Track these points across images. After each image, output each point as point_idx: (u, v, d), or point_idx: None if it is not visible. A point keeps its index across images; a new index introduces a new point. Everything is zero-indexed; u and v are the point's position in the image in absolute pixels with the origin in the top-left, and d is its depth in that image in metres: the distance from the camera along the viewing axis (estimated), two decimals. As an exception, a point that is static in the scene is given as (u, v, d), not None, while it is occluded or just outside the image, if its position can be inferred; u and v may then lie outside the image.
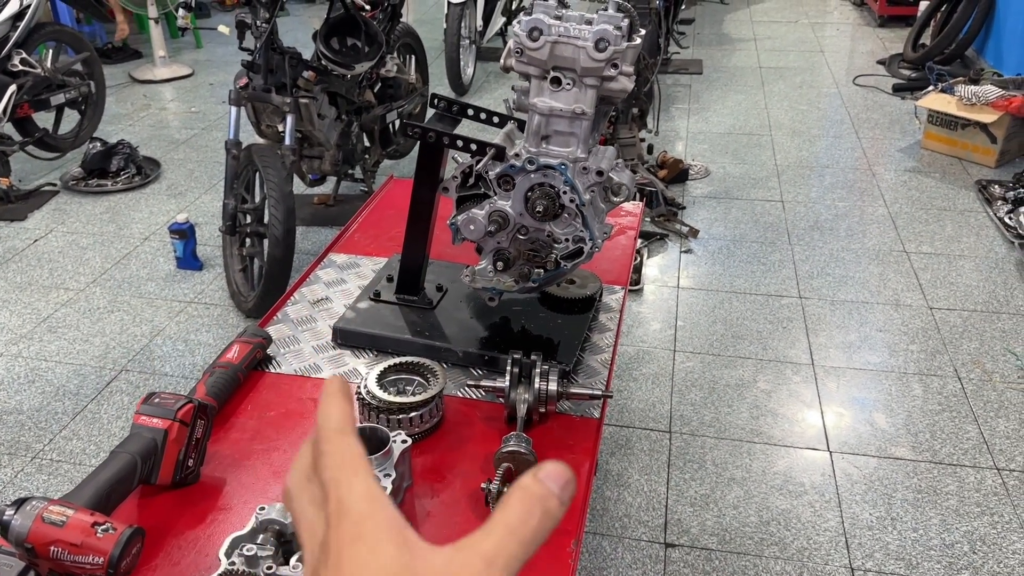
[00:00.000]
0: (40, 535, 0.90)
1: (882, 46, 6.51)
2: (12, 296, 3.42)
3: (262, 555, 1.01)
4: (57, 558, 0.90)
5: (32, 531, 0.90)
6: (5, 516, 0.91)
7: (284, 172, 3.11)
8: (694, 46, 6.62)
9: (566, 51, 1.36)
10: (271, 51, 3.23)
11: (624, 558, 2.23)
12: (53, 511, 0.91)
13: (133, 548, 0.92)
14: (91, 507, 0.97)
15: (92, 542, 0.90)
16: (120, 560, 0.90)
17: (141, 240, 3.85)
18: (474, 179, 1.54)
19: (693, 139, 4.90)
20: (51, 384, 2.90)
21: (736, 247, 3.74)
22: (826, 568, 2.20)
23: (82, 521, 0.91)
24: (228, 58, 6.43)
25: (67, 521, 0.91)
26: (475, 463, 1.36)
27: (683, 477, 2.49)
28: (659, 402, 2.79)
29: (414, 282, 1.70)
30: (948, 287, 3.40)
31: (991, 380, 2.87)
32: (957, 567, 2.20)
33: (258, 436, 1.41)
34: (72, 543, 0.89)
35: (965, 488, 2.44)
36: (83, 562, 0.90)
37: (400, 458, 1.24)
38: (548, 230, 1.51)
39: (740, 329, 3.17)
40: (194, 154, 4.78)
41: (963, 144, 4.45)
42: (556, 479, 0.42)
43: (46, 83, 4.31)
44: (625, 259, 1.97)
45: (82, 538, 0.90)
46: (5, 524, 0.91)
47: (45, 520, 0.90)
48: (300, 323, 1.71)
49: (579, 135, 1.44)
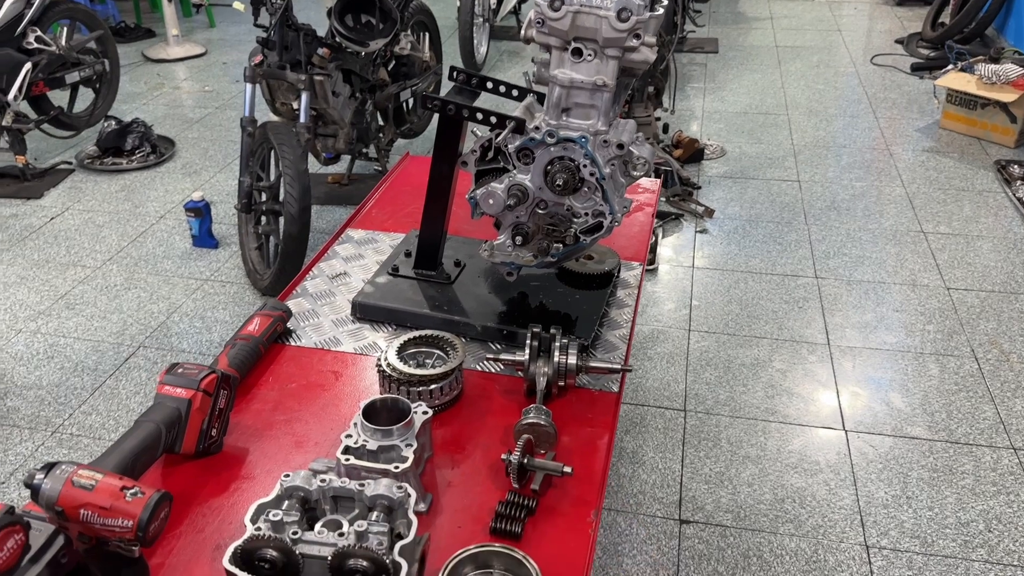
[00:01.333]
0: (70, 499, 0.91)
1: (900, 25, 6.43)
2: (30, 273, 3.44)
3: (287, 520, 1.02)
4: (87, 521, 0.91)
5: (62, 495, 0.91)
6: (35, 480, 0.92)
7: (299, 150, 3.11)
8: (710, 25, 6.57)
9: (588, 21, 1.35)
10: (286, 28, 3.23)
11: (639, 534, 2.23)
12: (82, 475, 0.92)
13: (161, 512, 0.93)
14: (117, 474, 0.98)
15: (121, 505, 0.91)
16: (149, 523, 0.91)
17: (157, 218, 3.87)
18: (493, 153, 1.54)
19: (709, 118, 4.86)
20: (70, 360, 2.92)
21: (752, 227, 3.72)
22: (841, 545, 2.20)
23: (111, 485, 0.92)
24: (241, 37, 6.42)
25: (96, 485, 0.92)
26: (494, 435, 1.36)
27: (698, 455, 2.49)
28: (674, 381, 2.79)
29: (432, 256, 1.70)
30: (966, 267, 3.38)
31: (1008, 360, 2.85)
32: (972, 545, 2.20)
33: (280, 407, 1.42)
34: (102, 506, 0.90)
35: (981, 467, 2.43)
36: (112, 525, 0.91)
37: (421, 429, 1.25)
38: (567, 204, 1.51)
39: (755, 309, 3.17)
40: (208, 133, 4.79)
41: (982, 124, 4.40)
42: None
43: (61, 61, 4.32)
44: (643, 236, 1.96)
45: (111, 501, 0.91)
46: (36, 488, 0.92)
47: (75, 484, 0.91)
48: (319, 297, 1.71)
49: (600, 107, 1.43)
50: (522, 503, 1.21)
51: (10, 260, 3.53)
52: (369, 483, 1.08)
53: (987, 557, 2.16)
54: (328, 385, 1.48)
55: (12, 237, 3.71)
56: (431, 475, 1.29)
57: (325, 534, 1.02)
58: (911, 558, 2.16)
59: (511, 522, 1.18)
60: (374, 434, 1.21)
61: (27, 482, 0.93)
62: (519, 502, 1.21)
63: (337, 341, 1.58)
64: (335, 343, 1.58)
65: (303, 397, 1.45)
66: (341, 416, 1.40)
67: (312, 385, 1.48)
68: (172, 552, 1.15)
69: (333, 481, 1.09)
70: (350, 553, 0.97)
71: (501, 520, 1.18)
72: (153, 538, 0.93)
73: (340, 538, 1.01)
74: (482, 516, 1.20)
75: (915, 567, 2.14)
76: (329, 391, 1.46)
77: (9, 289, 3.33)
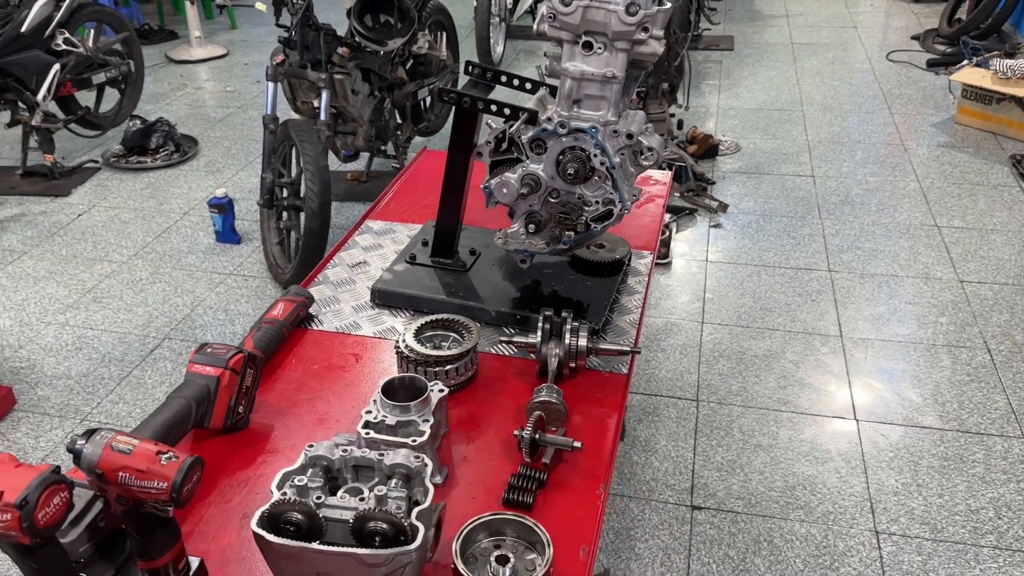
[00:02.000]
0: (109, 462, 0.97)
1: (917, 21, 6.43)
2: (58, 268, 3.54)
3: (312, 486, 1.08)
4: (124, 483, 0.97)
5: (102, 458, 0.97)
6: (77, 445, 0.99)
7: (320, 147, 3.18)
8: (725, 22, 6.59)
9: (598, 15, 1.40)
10: (307, 28, 3.30)
11: (651, 519, 2.28)
12: (121, 440, 0.99)
13: (194, 476, 0.99)
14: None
15: (157, 468, 0.97)
16: (183, 485, 0.97)
17: (181, 215, 3.95)
18: (507, 144, 1.60)
19: (724, 115, 4.89)
20: (97, 351, 3.01)
21: (766, 221, 3.76)
22: (851, 531, 2.24)
23: (147, 450, 0.98)
24: (263, 38, 6.52)
25: (134, 449, 0.98)
26: (508, 413, 1.42)
27: (710, 443, 2.53)
28: (687, 372, 2.84)
29: (449, 245, 1.76)
30: (979, 260, 3.40)
31: (1021, 351, 2.87)
32: (982, 532, 2.23)
33: (303, 387, 1.48)
34: (139, 469, 0.97)
35: (992, 456, 2.46)
36: (148, 487, 0.97)
37: (438, 406, 1.31)
38: (579, 193, 1.56)
39: (768, 302, 3.20)
40: (230, 132, 4.88)
41: (998, 119, 4.41)
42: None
43: (88, 62, 4.42)
44: (654, 226, 2.01)
45: (148, 465, 0.97)
46: (77, 452, 0.98)
47: (113, 448, 0.98)
48: (340, 284, 1.78)
49: (610, 99, 1.48)
50: (534, 476, 1.26)
51: (39, 255, 3.63)
52: (388, 453, 1.14)
53: (996, 543, 2.19)
54: (349, 367, 1.54)
55: (41, 233, 3.81)
56: (447, 451, 1.35)
57: (347, 499, 1.08)
58: (920, 544, 2.20)
59: (523, 493, 1.23)
60: (393, 410, 1.27)
61: (69, 447, 0.99)
62: (531, 475, 1.26)
63: (357, 326, 1.64)
64: (355, 327, 1.64)
65: (325, 378, 1.51)
66: (361, 395, 1.46)
67: (333, 367, 1.54)
68: (202, 520, 1.21)
69: (354, 451, 1.15)
70: (370, 516, 1.03)
71: (513, 492, 1.24)
72: (186, 500, 0.99)
73: (361, 503, 1.07)
74: (496, 488, 1.26)
75: (924, 553, 2.17)
76: (350, 372, 1.52)
77: (39, 283, 3.43)
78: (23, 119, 4.14)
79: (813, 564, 2.14)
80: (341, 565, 1.04)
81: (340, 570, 1.04)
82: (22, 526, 0.88)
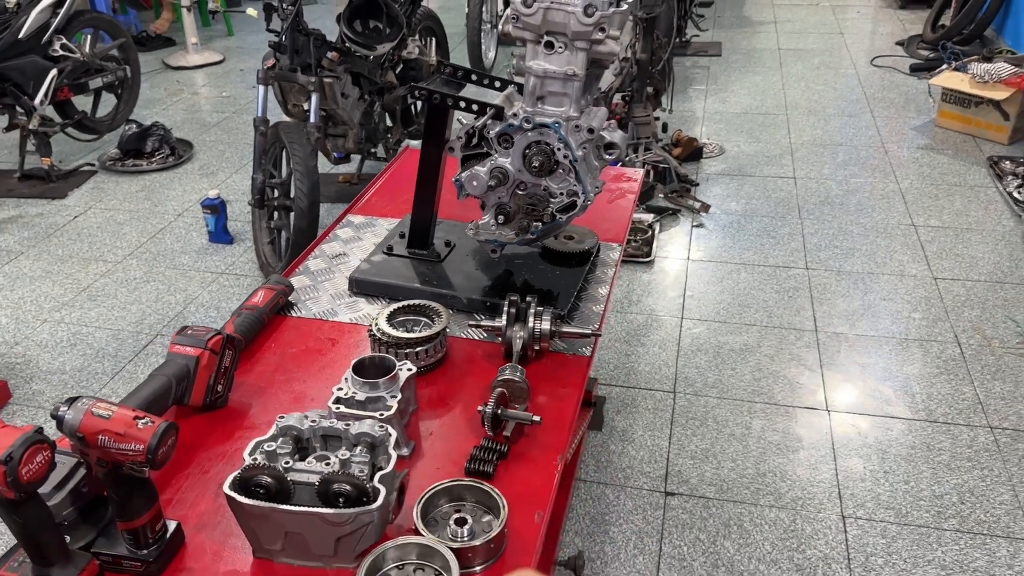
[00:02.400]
0: (90, 426, 1.05)
1: (902, 28, 6.52)
2: (54, 268, 3.62)
3: (281, 452, 1.16)
4: (104, 446, 1.05)
5: (83, 423, 1.05)
6: (60, 411, 1.06)
7: (309, 148, 3.27)
8: (714, 29, 6.69)
9: (557, 16, 1.48)
10: (297, 32, 3.39)
11: (626, 504, 2.36)
12: (100, 407, 1.06)
13: (168, 439, 1.07)
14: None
15: (134, 432, 1.05)
16: (158, 448, 1.05)
17: (175, 216, 4.04)
18: (477, 139, 1.68)
19: (710, 119, 4.98)
20: (91, 347, 3.09)
21: (747, 221, 3.84)
22: (819, 515, 2.31)
23: (125, 415, 1.06)
24: (258, 46, 6.61)
25: (112, 415, 1.06)
26: (475, 392, 1.50)
27: (685, 433, 2.61)
28: (665, 365, 2.91)
29: (424, 237, 1.84)
30: (954, 258, 3.48)
31: (990, 345, 2.95)
32: (945, 516, 2.30)
33: (280, 369, 1.56)
34: (117, 432, 1.04)
35: (958, 445, 2.54)
36: (126, 449, 1.05)
37: (406, 384, 1.39)
38: (544, 185, 1.64)
39: (747, 298, 3.28)
40: (225, 136, 4.96)
41: (976, 122, 4.50)
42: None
43: (85, 67, 4.51)
44: (624, 220, 2.09)
45: (125, 428, 1.05)
46: (60, 418, 1.06)
47: (94, 414, 1.05)
48: (319, 275, 1.85)
49: (571, 95, 1.57)
50: (495, 448, 1.34)
51: (36, 256, 3.71)
52: (354, 423, 1.22)
53: (958, 527, 2.27)
54: (325, 350, 1.62)
55: (38, 234, 3.90)
56: (415, 426, 1.42)
57: (314, 464, 1.15)
58: (885, 527, 2.27)
59: (484, 464, 1.31)
60: (362, 386, 1.35)
61: (53, 413, 1.07)
62: (492, 447, 1.34)
63: (334, 312, 1.72)
64: (332, 314, 1.72)
65: (302, 360, 1.59)
66: (336, 377, 1.54)
67: (310, 350, 1.62)
68: (180, 490, 1.29)
69: (322, 422, 1.22)
70: (334, 479, 1.11)
71: (475, 462, 1.31)
72: (161, 462, 1.07)
73: (326, 467, 1.14)
74: (459, 460, 1.33)
75: (888, 536, 2.25)
76: (326, 355, 1.60)
77: (35, 282, 3.51)
78: (21, 123, 4.23)
79: (781, 546, 2.22)
80: (307, 524, 1.11)
81: (307, 529, 1.12)
82: (7, 480, 0.96)
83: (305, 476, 1.14)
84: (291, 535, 1.13)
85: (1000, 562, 2.16)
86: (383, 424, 1.22)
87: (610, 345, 3.02)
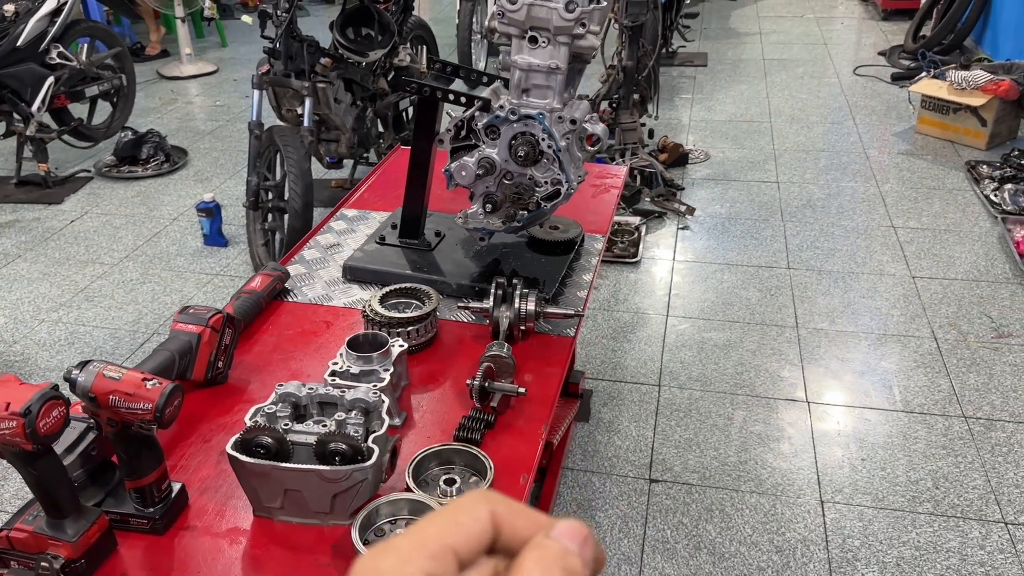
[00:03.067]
0: (101, 387, 1.12)
1: (884, 38, 6.66)
2: (52, 270, 3.68)
3: (280, 415, 1.23)
4: (114, 406, 1.12)
5: (95, 384, 1.12)
6: (73, 374, 1.13)
7: (303, 150, 3.35)
8: (700, 40, 6.81)
9: (540, 12, 1.57)
10: (291, 39, 3.47)
11: (611, 491, 2.43)
12: (111, 369, 1.13)
13: (175, 400, 1.14)
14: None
15: (143, 392, 1.12)
16: (165, 407, 1.12)
17: (170, 220, 4.10)
18: (465, 131, 1.76)
19: (695, 127, 5.09)
20: (89, 345, 3.14)
21: (731, 224, 3.93)
22: (798, 500, 2.38)
23: (134, 377, 1.13)
24: (252, 56, 6.70)
25: (122, 377, 1.13)
26: (463, 370, 1.57)
27: (669, 424, 2.68)
28: (651, 360, 2.99)
29: (415, 226, 1.92)
30: (931, 258, 3.57)
31: (965, 340, 3.04)
32: (920, 500, 2.38)
33: (278, 349, 1.63)
34: (127, 392, 1.11)
35: (933, 433, 2.62)
36: (135, 408, 1.12)
37: (398, 359, 1.46)
38: (530, 174, 1.72)
39: (731, 297, 3.36)
40: (219, 143, 5.04)
41: (955, 128, 4.61)
42: (572, 536, 0.39)
43: (81, 76, 4.58)
44: (607, 212, 2.17)
45: (134, 388, 1.12)
46: (73, 381, 1.13)
47: (105, 376, 1.12)
48: (314, 264, 1.93)
49: (555, 88, 1.65)
50: (482, 418, 1.41)
51: (33, 258, 3.77)
52: (349, 391, 1.29)
53: (932, 510, 2.34)
54: (320, 332, 1.69)
55: (35, 238, 3.96)
56: (407, 400, 1.50)
57: (311, 426, 1.22)
58: (862, 511, 2.35)
59: (472, 432, 1.38)
60: (357, 360, 1.42)
61: (66, 376, 1.14)
62: (480, 417, 1.41)
63: (329, 298, 1.80)
64: (327, 299, 1.79)
65: (298, 341, 1.66)
66: (331, 355, 1.61)
67: (306, 332, 1.69)
68: (184, 456, 1.36)
69: (319, 389, 1.30)
70: (331, 439, 1.18)
71: (463, 430, 1.39)
72: (169, 421, 1.14)
73: (323, 428, 1.21)
74: (448, 429, 1.41)
75: (865, 519, 2.32)
76: (321, 336, 1.67)
77: (32, 284, 3.57)
78: (18, 130, 4.30)
79: (761, 529, 2.29)
80: (305, 481, 1.18)
81: (304, 486, 1.19)
82: (26, 432, 1.03)
83: (303, 437, 1.21)
84: (290, 493, 1.19)
85: (972, 543, 2.24)
86: (376, 391, 1.29)
87: (597, 341, 3.10)
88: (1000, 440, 2.58)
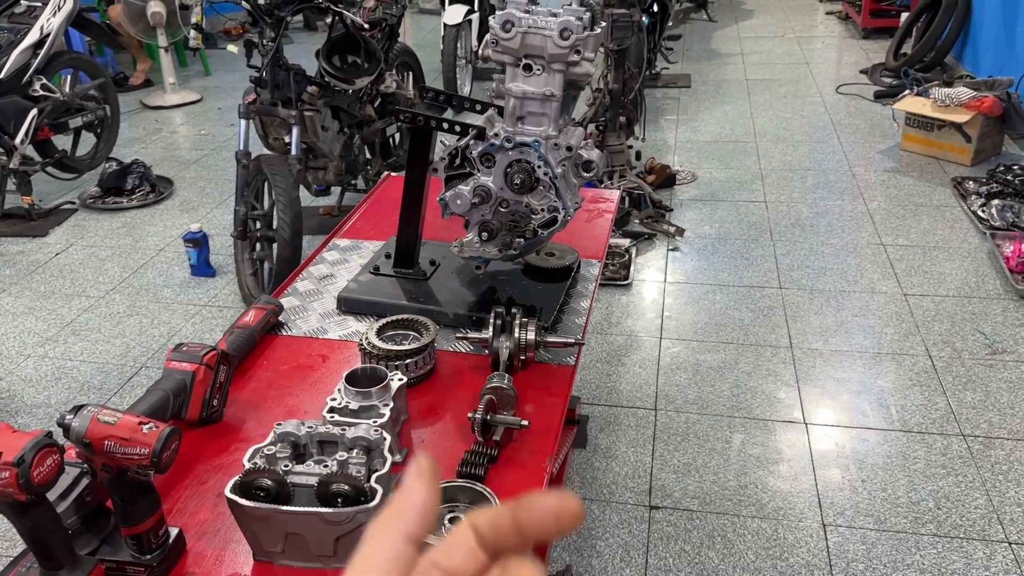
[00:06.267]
0: (96, 432, 1.08)
1: (866, 57, 6.73)
2: (37, 304, 3.62)
3: (280, 456, 1.20)
4: (109, 451, 1.08)
5: (89, 429, 1.09)
6: (66, 419, 1.10)
7: (291, 179, 3.32)
8: (683, 61, 6.86)
9: (535, 40, 1.56)
10: (277, 68, 3.46)
11: (611, 519, 2.39)
12: (105, 413, 1.10)
13: (172, 444, 1.10)
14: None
15: (139, 436, 1.08)
16: (163, 451, 1.08)
17: (156, 251, 4.06)
18: (460, 159, 1.74)
19: (681, 148, 5.10)
20: (76, 380, 3.09)
21: (721, 244, 3.93)
22: (800, 524, 2.36)
23: (130, 420, 1.10)
24: (236, 84, 6.68)
25: (118, 421, 1.09)
26: (463, 402, 1.54)
27: (667, 448, 2.66)
28: (646, 383, 2.97)
29: (409, 256, 1.90)
30: (922, 275, 3.58)
31: (960, 357, 3.04)
32: (922, 521, 2.36)
33: (273, 385, 1.60)
34: (122, 437, 1.08)
35: (932, 453, 2.61)
36: (131, 453, 1.08)
37: (397, 393, 1.43)
38: (526, 202, 1.70)
39: (723, 318, 3.35)
40: (205, 172, 5.01)
41: (939, 144, 4.65)
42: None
43: (64, 107, 4.55)
44: (602, 237, 2.16)
45: (130, 433, 1.08)
46: (67, 425, 1.10)
47: (100, 420, 1.09)
48: (308, 295, 1.90)
49: (550, 115, 1.64)
50: (485, 452, 1.38)
51: (18, 292, 3.72)
52: (350, 428, 1.26)
53: (935, 531, 2.32)
54: (316, 366, 1.66)
55: (20, 272, 3.90)
56: (407, 435, 1.47)
57: (312, 467, 1.19)
58: (865, 534, 2.32)
59: (475, 467, 1.35)
60: (355, 396, 1.39)
61: (59, 422, 1.11)
62: (483, 451, 1.38)
63: (324, 331, 1.77)
64: (322, 332, 1.76)
65: (294, 376, 1.63)
66: (328, 390, 1.58)
67: (302, 367, 1.66)
68: (180, 499, 1.32)
69: (319, 427, 1.26)
70: (333, 479, 1.15)
71: (466, 466, 1.36)
72: (166, 466, 1.10)
73: (324, 469, 1.18)
74: (451, 465, 1.38)
75: (868, 542, 2.30)
76: (317, 371, 1.64)
77: (18, 318, 3.51)
78: (1, 162, 4.25)
79: (764, 555, 2.26)
80: (307, 524, 1.15)
81: (307, 530, 1.16)
82: (19, 483, 0.99)
83: (304, 479, 1.18)
84: (291, 536, 1.16)
85: (977, 564, 2.22)
86: (377, 428, 1.26)
87: (592, 366, 3.07)
88: (1000, 458, 2.57)
